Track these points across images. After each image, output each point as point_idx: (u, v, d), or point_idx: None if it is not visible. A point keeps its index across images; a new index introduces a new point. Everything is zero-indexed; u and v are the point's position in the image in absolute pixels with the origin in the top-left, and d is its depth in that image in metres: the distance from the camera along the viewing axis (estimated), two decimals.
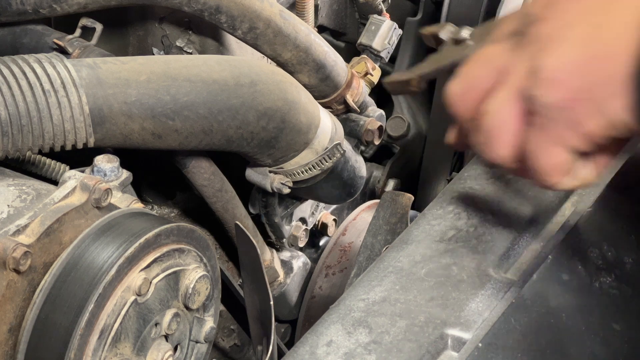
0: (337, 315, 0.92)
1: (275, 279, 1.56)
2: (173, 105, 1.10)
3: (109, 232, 0.94)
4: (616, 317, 0.90)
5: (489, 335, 0.84)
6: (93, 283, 0.90)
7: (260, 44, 1.26)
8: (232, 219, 1.37)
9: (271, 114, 1.21)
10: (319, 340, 0.89)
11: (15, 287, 0.90)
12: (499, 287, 0.94)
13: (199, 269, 1.01)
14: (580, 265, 0.92)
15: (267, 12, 1.24)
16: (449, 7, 1.96)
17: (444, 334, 0.89)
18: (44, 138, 1.01)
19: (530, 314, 0.86)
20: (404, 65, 2.08)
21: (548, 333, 0.84)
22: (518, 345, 0.83)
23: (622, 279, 0.93)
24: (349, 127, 1.45)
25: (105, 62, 1.09)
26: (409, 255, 1.00)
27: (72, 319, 0.89)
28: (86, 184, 0.96)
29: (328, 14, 1.72)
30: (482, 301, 0.93)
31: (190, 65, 1.15)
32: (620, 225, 1.00)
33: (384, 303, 0.93)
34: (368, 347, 0.87)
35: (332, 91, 1.37)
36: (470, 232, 1.02)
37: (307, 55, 1.29)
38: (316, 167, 1.32)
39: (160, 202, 1.51)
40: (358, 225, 1.72)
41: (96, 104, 1.04)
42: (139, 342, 0.95)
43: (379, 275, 0.97)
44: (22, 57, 1.02)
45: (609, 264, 0.94)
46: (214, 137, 1.17)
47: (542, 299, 0.87)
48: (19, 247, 0.88)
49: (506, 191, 1.07)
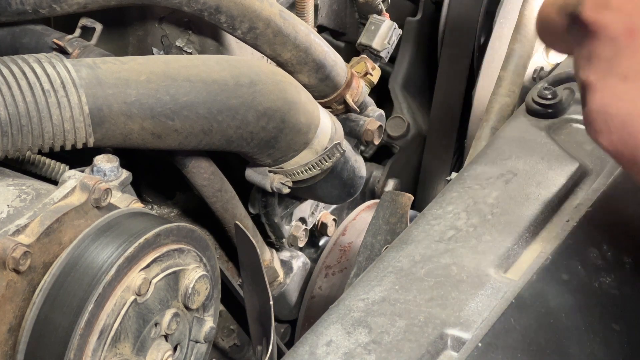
0: (337, 315, 0.92)
1: (275, 279, 1.56)
2: (173, 105, 1.10)
3: (109, 232, 0.94)
4: (616, 317, 0.90)
5: (488, 335, 0.84)
6: (93, 283, 0.90)
7: (260, 43, 1.26)
8: (232, 219, 1.37)
9: (271, 114, 1.21)
10: (318, 340, 0.89)
11: (15, 287, 0.90)
12: (499, 287, 0.94)
13: (199, 269, 1.01)
14: (580, 266, 0.92)
15: (266, 12, 1.24)
16: (449, 7, 1.96)
17: (444, 334, 0.89)
18: (44, 138, 1.01)
19: (529, 314, 0.86)
20: (404, 65, 2.09)
21: (548, 333, 0.84)
22: (518, 345, 0.83)
23: (622, 279, 0.93)
24: (349, 127, 1.45)
25: (105, 62, 1.09)
26: (409, 255, 1.00)
27: (72, 319, 0.89)
28: (86, 183, 0.96)
29: (328, 13, 1.72)
30: (482, 301, 0.93)
31: (190, 65, 1.15)
32: (620, 226, 1.00)
33: (383, 303, 0.93)
34: (368, 347, 0.87)
35: (331, 91, 1.37)
36: (469, 232, 1.02)
37: (306, 55, 1.29)
38: (316, 167, 1.32)
39: (160, 202, 1.51)
40: (358, 225, 1.72)
41: (96, 104, 1.04)
42: (138, 342, 0.95)
43: (378, 275, 0.97)
44: (21, 57, 1.02)
45: (609, 264, 0.94)
46: (214, 137, 1.17)
47: (542, 299, 0.87)
48: (18, 247, 0.88)
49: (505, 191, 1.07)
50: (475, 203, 1.08)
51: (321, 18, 1.68)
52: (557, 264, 0.91)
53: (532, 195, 1.06)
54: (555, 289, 0.89)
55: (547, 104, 1.27)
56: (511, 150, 1.14)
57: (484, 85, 1.83)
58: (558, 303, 0.88)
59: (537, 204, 1.05)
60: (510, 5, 1.81)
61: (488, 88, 1.70)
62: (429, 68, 2.08)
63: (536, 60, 1.70)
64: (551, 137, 1.20)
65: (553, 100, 1.27)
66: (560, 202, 1.08)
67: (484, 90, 1.83)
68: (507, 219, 1.03)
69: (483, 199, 1.08)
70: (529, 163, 1.13)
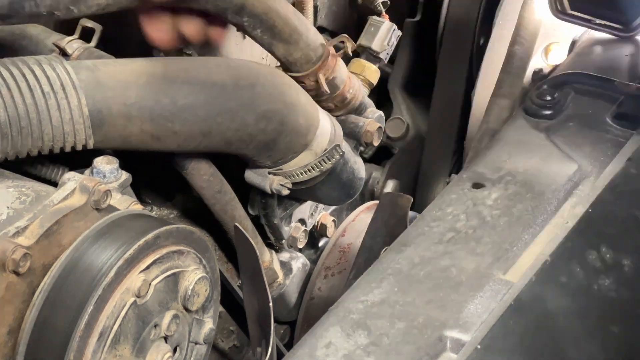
0: (336, 317, 0.92)
1: (274, 280, 1.56)
2: (172, 108, 1.10)
3: (108, 234, 0.94)
4: (614, 319, 0.90)
5: (487, 337, 0.84)
6: (92, 285, 0.90)
7: (276, 42, 1.23)
8: (232, 221, 1.37)
9: (270, 116, 1.21)
10: (317, 342, 0.89)
11: (15, 289, 0.90)
12: (498, 289, 0.94)
13: (198, 271, 1.01)
14: (578, 268, 0.92)
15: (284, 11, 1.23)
16: (448, 9, 1.96)
17: (443, 336, 0.89)
18: (44, 140, 1.01)
19: (528, 316, 0.86)
20: (403, 67, 2.09)
21: (546, 335, 0.85)
22: (516, 348, 0.83)
23: (621, 281, 0.93)
24: (348, 129, 1.45)
25: (105, 64, 1.09)
26: (408, 257, 1.00)
27: (72, 321, 0.89)
28: (85, 185, 0.96)
29: (327, 15, 1.72)
30: (481, 303, 0.93)
31: (190, 67, 1.15)
32: (618, 228, 1.01)
33: (382, 305, 0.93)
34: (367, 349, 0.87)
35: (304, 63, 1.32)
36: (469, 234, 1.02)
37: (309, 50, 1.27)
38: (315, 168, 1.32)
39: (159, 203, 1.51)
40: (357, 227, 1.72)
41: (95, 106, 1.04)
42: (138, 343, 0.95)
43: (377, 277, 0.97)
44: (21, 59, 1.02)
45: (608, 266, 0.94)
46: (213, 139, 1.17)
47: (541, 301, 0.87)
48: (18, 248, 0.88)
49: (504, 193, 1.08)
50: (475, 205, 1.08)
51: (321, 19, 1.68)
52: (555, 266, 0.92)
53: (530, 197, 1.07)
54: (554, 291, 0.89)
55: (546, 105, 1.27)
56: (510, 152, 1.15)
57: (484, 87, 1.83)
58: (557, 305, 0.88)
59: (535, 205, 1.05)
60: (509, 7, 1.81)
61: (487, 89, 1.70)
62: (428, 69, 2.08)
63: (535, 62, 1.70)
64: (550, 138, 1.20)
65: (552, 101, 1.28)
66: (559, 204, 1.08)
67: (483, 92, 1.83)
68: (506, 221, 1.03)
69: (482, 201, 1.08)
70: (528, 164, 1.14)
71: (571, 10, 1.47)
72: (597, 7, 1.45)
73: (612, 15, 1.45)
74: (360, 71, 1.48)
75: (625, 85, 1.28)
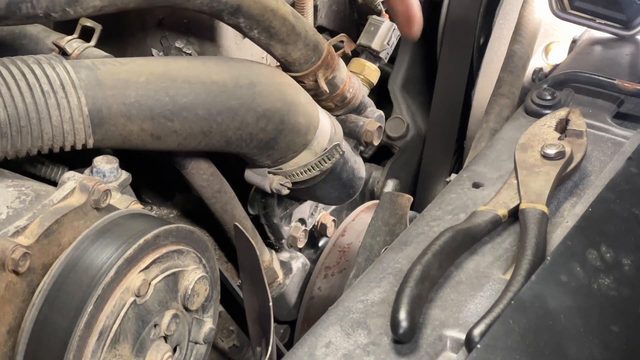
0: (336, 316, 0.92)
1: (274, 280, 1.56)
2: (172, 107, 1.10)
3: (108, 234, 0.94)
4: (615, 318, 0.90)
5: (487, 337, 0.84)
6: (92, 284, 0.90)
7: (274, 43, 1.23)
8: (231, 220, 1.37)
9: (270, 115, 1.21)
10: (317, 341, 0.89)
11: (14, 289, 0.90)
12: (498, 288, 0.94)
13: (198, 270, 1.01)
14: (578, 267, 0.92)
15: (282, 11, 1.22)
16: (448, 8, 1.96)
17: (443, 335, 0.89)
18: (43, 139, 1.01)
19: (528, 316, 0.86)
20: (403, 66, 2.08)
21: (546, 334, 0.84)
22: (516, 347, 0.83)
23: (621, 280, 0.93)
24: (348, 128, 1.45)
25: (104, 64, 1.09)
26: (408, 256, 1.00)
27: (71, 321, 0.89)
28: (85, 185, 0.96)
29: (327, 14, 1.72)
30: (481, 302, 0.93)
31: (189, 66, 1.15)
32: (618, 227, 1.00)
33: (382, 304, 0.93)
34: (367, 348, 0.87)
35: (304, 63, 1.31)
36: None
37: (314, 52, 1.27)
38: (315, 168, 1.32)
39: (159, 202, 1.51)
40: (357, 226, 1.72)
41: (95, 105, 1.04)
42: (138, 343, 0.95)
43: (377, 277, 0.97)
44: (21, 59, 1.02)
45: (608, 265, 0.94)
46: (213, 138, 1.17)
47: (541, 301, 0.87)
48: (18, 248, 0.88)
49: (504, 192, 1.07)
50: (475, 204, 1.08)
51: (320, 19, 1.68)
52: (555, 266, 0.92)
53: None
54: (554, 291, 0.89)
55: (546, 104, 1.27)
56: (510, 152, 1.14)
57: (484, 86, 1.83)
58: (557, 304, 0.88)
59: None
60: (509, 6, 1.81)
61: (487, 89, 1.71)
62: (428, 69, 2.08)
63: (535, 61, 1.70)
64: None
65: (552, 101, 1.28)
66: (559, 204, 1.08)
67: (483, 91, 1.83)
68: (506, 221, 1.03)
69: (482, 201, 1.08)
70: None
71: (571, 10, 1.48)
72: (597, 6, 1.45)
73: (613, 15, 1.45)
74: (360, 70, 1.48)
75: (625, 84, 1.28)
